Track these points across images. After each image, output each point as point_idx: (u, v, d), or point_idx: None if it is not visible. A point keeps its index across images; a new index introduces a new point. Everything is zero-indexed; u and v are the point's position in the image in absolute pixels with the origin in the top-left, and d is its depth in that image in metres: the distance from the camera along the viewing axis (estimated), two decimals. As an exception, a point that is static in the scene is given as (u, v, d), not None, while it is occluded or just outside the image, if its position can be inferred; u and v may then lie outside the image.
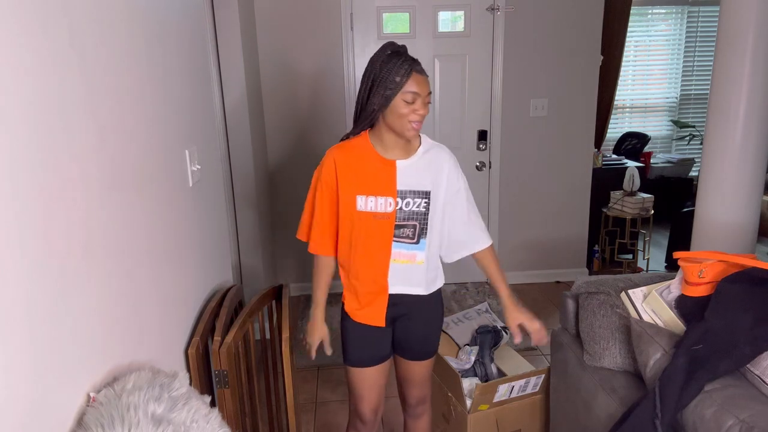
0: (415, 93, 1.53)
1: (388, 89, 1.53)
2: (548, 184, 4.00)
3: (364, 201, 1.62)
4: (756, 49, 2.16)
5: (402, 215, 1.63)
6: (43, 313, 0.88)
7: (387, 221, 1.63)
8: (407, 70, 1.53)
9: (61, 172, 0.94)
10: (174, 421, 0.99)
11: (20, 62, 0.84)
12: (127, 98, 1.24)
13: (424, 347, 1.80)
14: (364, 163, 1.64)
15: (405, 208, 1.63)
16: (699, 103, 5.85)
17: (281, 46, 3.62)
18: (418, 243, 1.66)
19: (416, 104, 1.54)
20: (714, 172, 2.35)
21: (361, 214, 1.63)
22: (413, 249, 1.66)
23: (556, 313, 3.58)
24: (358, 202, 1.63)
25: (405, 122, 1.55)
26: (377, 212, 1.62)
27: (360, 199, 1.63)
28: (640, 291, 1.76)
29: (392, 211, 1.62)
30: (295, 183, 3.86)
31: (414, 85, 1.52)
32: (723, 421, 1.31)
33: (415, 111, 1.54)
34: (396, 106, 1.54)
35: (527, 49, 3.75)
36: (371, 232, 1.64)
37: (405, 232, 1.64)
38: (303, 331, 1.79)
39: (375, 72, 1.55)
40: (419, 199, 1.63)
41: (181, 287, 1.55)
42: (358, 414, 1.83)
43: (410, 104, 1.53)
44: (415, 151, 1.66)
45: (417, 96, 1.53)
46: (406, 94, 1.52)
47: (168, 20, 1.56)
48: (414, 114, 1.54)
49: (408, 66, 1.53)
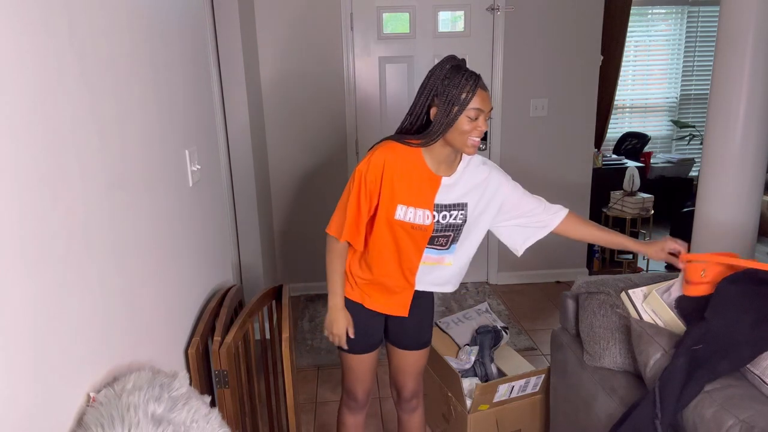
0: (479, 110, 1.51)
1: (453, 106, 1.50)
2: (548, 184, 4.00)
3: (403, 211, 1.63)
4: (756, 49, 2.16)
5: (439, 227, 1.65)
6: (43, 313, 0.88)
7: (423, 232, 1.65)
8: (473, 86, 1.51)
9: (61, 172, 0.94)
10: (174, 421, 1.00)
11: (20, 62, 0.84)
12: (127, 98, 1.24)
13: (419, 337, 1.85)
14: (412, 173, 1.62)
15: (442, 221, 1.65)
16: (699, 103, 5.85)
17: (281, 45, 3.62)
18: (448, 249, 1.71)
19: (479, 121, 1.52)
20: (714, 172, 2.35)
21: (398, 222, 1.64)
22: (443, 253, 1.71)
23: (556, 313, 3.58)
24: (398, 212, 1.63)
25: (466, 138, 1.53)
26: (415, 223, 1.63)
27: (400, 208, 1.62)
28: (640, 291, 1.76)
29: (430, 224, 1.64)
30: (295, 183, 3.86)
31: (478, 101, 1.51)
32: (723, 421, 1.31)
33: (477, 128, 1.52)
34: (460, 123, 1.51)
35: (527, 49, 3.75)
36: (406, 239, 1.66)
37: (439, 240, 1.68)
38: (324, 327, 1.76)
39: (437, 87, 1.54)
40: (456, 212, 1.65)
41: (181, 287, 1.55)
42: (353, 396, 1.89)
43: (474, 121, 1.51)
44: (457, 165, 1.66)
45: (480, 113, 1.51)
46: (471, 111, 1.50)
47: (168, 20, 1.56)
48: (476, 131, 1.52)
49: (473, 82, 1.51)
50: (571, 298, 2.02)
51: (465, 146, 1.55)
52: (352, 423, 1.95)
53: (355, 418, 1.95)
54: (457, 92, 1.50)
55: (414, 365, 1.88)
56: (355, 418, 1.95)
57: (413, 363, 1.87)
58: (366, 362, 1.82)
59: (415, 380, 1.91)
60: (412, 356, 1.86)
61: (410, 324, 1.82)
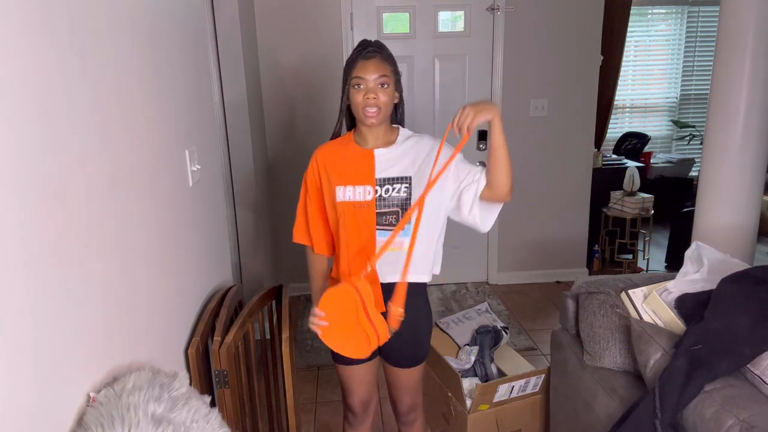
0: (359, 78, 1.54)
1: (345, 82, 1.58)
2: (548, 184, 4.00)
3: (342, 191, 1.62)
4: (756, 49, 2.16)
5: (383, 203, 1.60)
6: (44, 313, 0.88)
7: (368, 209, 1.61)
8: (354, 58, 1.56)
9: (61, 172, 0.94)
10: (174, 421, 0.99)
11: (20, 62, 0.84)
12: (127, 98, 1.24)
13: (412, 352, 1.72)
14: (344, 155, 1.65)
15: (385, 195, 1.61)
16: (699, 103, 5.85)
17: (281, 46, 3.62)
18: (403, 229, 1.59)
19: (364, 89, 1.54)
20: (714, 172, 2.35)
21: (341, 204, 1.62)
22: (400, 236, 1.58)
23: (556, 313, 3.58)
24: (338, 193, 1.63)
25: (359, 110, 1.56)
26: (356, 201, 1.61)
27: (339, 189, 1.63)
28: (640, 291, 1.76)
29: (371, 199, 1.60)
30: (295, 183, 3.84)
31: (360, 70, 1.54)
32: (723, 421, 1.31)
33: (365, 96, 1.54)
34: (352, 97, 1.57)
35: (527, 49, 3.75)
36: (355, 222, 1.62)
37: (388, 219, 1.61)
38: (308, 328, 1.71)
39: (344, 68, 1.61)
40: (399, 185, 1.61)
41: (181, 287, 1.55)
42: (349, 407, 1.84)
43: (360, 90, 1.54)
44: (394, 141, 1.65)
45: (361, 80, 1.54)
46: (353, 81, 1.55)
47: (168, 20, 1.56)
48: (365, 100, 1.54)
49: (356, 54, 1.56)
50: (571, 298, 2.02)
51: (362, 118, 1.57)
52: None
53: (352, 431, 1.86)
54: (346, 69, 1.58)
55: (408, 381, 1.76)
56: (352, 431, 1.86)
57: (407, 379, 1.75)
58: (356, 374, 1.75)
59: (411, 395, 1.79)
60: (404, 373, 1.74)
61: (404, 338, 1.64)
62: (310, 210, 1.71)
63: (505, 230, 4.06)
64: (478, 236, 4.10)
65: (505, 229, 4.06)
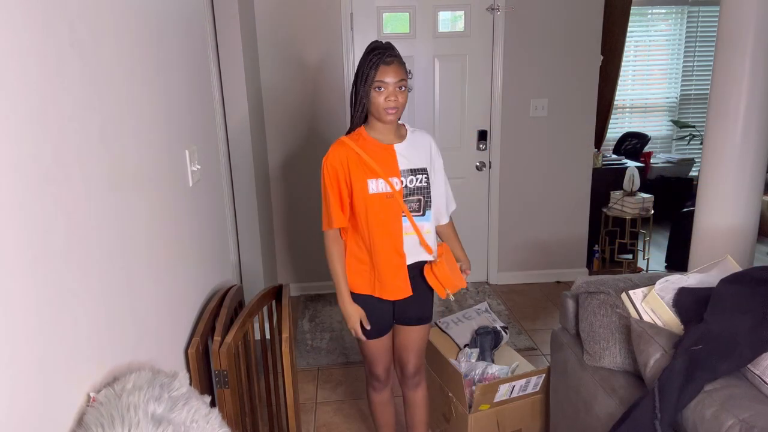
0: (381, 82, 1.70)
1: (365, 84, 1.73)
2: (548, 184, 4.00)
3: (375, 184, 1.79)
4: (756, 49, 2.16)
5: (407, 191, 1.81)
6: (44, 313, 0.88)
7: (396, 200, 1.80)
8: (375, 63, 1.71)
9: (61, 172, 0.94)
10: (174, 421, 1.00)
11: (20, 62, 0.84)
12: (127, 98, 1.24)
13: (421, 313, 1.97)
14: (367, 151, 1.80)
15: (410, 185, 1.81)
16: (699, 103, 5.85)
17: (281, 46, 3.62)
18: (424, 215, 1.86)
19: (386, 91, 1.71)
20: (714, 173, 2.35)
21: (373, 196, 1.79)
22: (421, 221, 1.85)
23: (556, 313, 3.58)
24: (370, 186, 1.78)
25: (381, 110, 1.74)
26: (387, 192, 1.79)
27: (371, 182, 1.78)
28: (640, 291, 1.76)
29: (399, 189, 1.80)
30: (295, 183, 3.86)
31: (382, 75, 1.70)
32: (723, 421, 1.31)
33: (387, 98, 1.72)
34: (373, 98, 1.73)
35: (527, 49, 3.75)
36: (385, 210, 1.80)
37: (412, 206, 1.83)
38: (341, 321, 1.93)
39: (357, 72, 1.76)
40: (420, 176, 1.83)
41: (181, 287, 1.55)
42: (375, 375, 2.04)
43: (381, 92, 1.71)
44: (405, 136, 1.86)
45: (384, 84, 1.71)
46: (375, 84, 1.71)
47: (168, 20, 1.56)
48: (386, 101, 1.72)
49: (377, 59, 1.71)
50: (571, 298, 2.02)
51: (382, 116, 1.75)
52: (379, 400, 2.11)
53: (380, 396, 2.10)
54: (364, 72, 1.72)
55: (417, 341, 1.99)
56: (380, 396, 2.10)
57: (416, 339, 1.98)
58: (381, 345, 1.96)
59: (418, 356, 2.02)
60: (414, 332, 1.97)
61: (412, 301, 1.92)
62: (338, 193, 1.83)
63: (505, 230, 4.06)
64: (478, 236, 4.12)
65: (505, 229, 4.06)
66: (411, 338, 1.98)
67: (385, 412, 2.13)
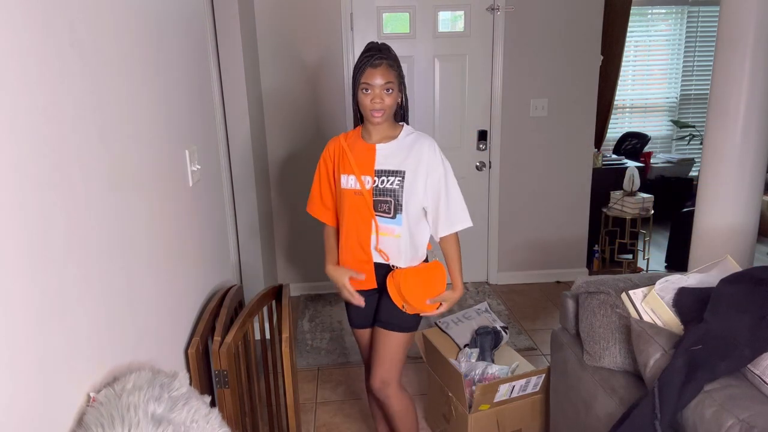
0: (366, 84, 1.73)
1: (353, 85, 1.78)
2: (548, 184, 4.00)
3: (346, 179, 1.84)
4: (756, 49, 2.16)
5: (378, 192, 1.81)
6: (43, 313, 0.88)
7: (365, 198, 1.82)
8: (362, 65, 1.74)
9: (61, 172, 0.94)
10: (174, 421, 1.00)
11: (21, 62, 0.84)
12: (127, 98, 1.24)
13: (389, 317, 1.87)
14: (353, 147, 1.86)
15: (380, 186, 1.81)
16: (699, 103, 5.85)
17: (281, 46, 3.62)
18: (395, 218, 1.82)
19: (372, 93, 1.73)
20: (714, 173, 2.35)
21: (344, 191, 1.84)
22: (392, 224, 1.83)
23: (556, 313, 3.58)
24: (342, 180, 1.85)
25: (367, 111, 1.77)
26: (356, 189, 1.82)
27: (343, 177, 1.85)
28: (640, 291, 1.76)
29: (369, 189, 1.81)
30: (295, 183, 3.86)
31: (368, 77, 1.73)
32: (723, 421, 1.31)
33: (372, 100, 1.74)
34: (360, 99, 1.77)
35: (527, 49, 3.75)
36: (354, 206, 1.83)
37: (382, 207, 1.82)
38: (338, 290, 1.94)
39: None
40: (393, 177, 1.80)
41: (181, 287, 1.55)
42: (365, 363, 2.09)
43: (367, 93, 1.74)
44: (395, 137, 1.85)
45: (370, 87, 1.73)
46: (362, 86, 1.74)
47: (168, 20, 1.56)
48: (372, 103, 1.74)
49: (365, 61, 1.74)
50: (571, 298, 2.02)
51: (369, 117, 1.78)
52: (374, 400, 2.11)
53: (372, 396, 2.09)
54: (355, 74, 1.77)
55: (383, 346, 1.88)
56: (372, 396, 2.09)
57: (382, 343, 1.88)
58: (363, 338, 2.03)
59: (383, 365, 1.88)
60: (381, 335, 1.88)
61: (383, 302, 1.89)
62: (323, 188, 1.95)
63: (505, 230, 4.06)
64: (478, 236, 4.12)
65: (505, 229, 4.06)
66: (378, 341, 1.90)
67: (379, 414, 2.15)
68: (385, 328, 1.88)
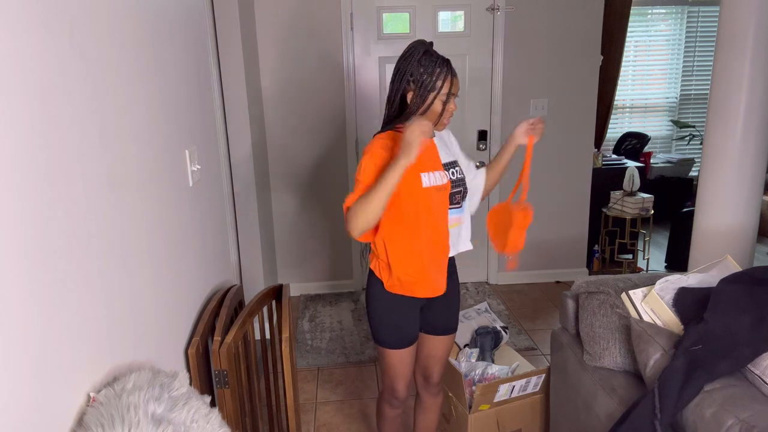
0: (451, 95, 1.68)
1: (428, 91, 1.66)
2: (548, 184, 4.00)
3: (428, 177, 1.71)
4: (756, 49, 2.16)
5: (453, 183, 1.79)
6: (44, 313, 0.88)
7: (445, 192, 1.76)
8: (446, 73, 1.66)
9: (61, 172, 0.94)
10: (174, 421, 1.00)
11: (21, 62, 0.84)
12: (127, 98, 1.24)
13: (452, 321, 1.92)
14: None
15: (452, 177, 1.79)
16: (699, 103, 5.85)
17: (281, 46, 3.62)
18: (461, 207, 1.84)
19: (450, 103, 1.70)
20: (714, 173, 2.35)
21: (427, 190, 1.70)
22: (459, 213, 1.83)
23: (556, 313, 3.58)
24: (423, 180, 1.70)
25: (439, 117, 1.71)
26: (438, 185, 1.73)
27: (424, 176, 1.70)
28: (640, 291, 1.76)
29: (448, 182, 1.76)
30: (295, 182, 3.86)
31: (454, 87, 1.68)
32: (723, 421, 1.31)
33: (449, 109, 1.70)
34: (434, 107, 1.68)
35: (527, 49, 3.75)
36: (434, 204, 1.73)
37: (456, 198, 1.81)
38: (412, 130, 1.59)
39: (412, 73, 1.66)
40: (456, 168, 1.82)
41: (181, 287, 1.55)
42: (396, 393, 1.91)
43: (446, 103, 1.69)
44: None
45: (453, 97, 1.69)
46: (444, 96, 1.67)
47: (168, 20, 1.56)
48: (447, 112, 1.71)
49: (447, 69, 1.66)
50: (571, 298, 2.02)
51: (440, 123, 1.73)
52: (393, 416, 2.02)
53: (395, 412, 2.01)
54: (432, 79, 1.65)
55: (445, 351, 1.95)
56: (395, 412, 2.01)
57: (444, 348, 1.94)
58: (407, 356, 1.85)
59: (444, 365, 2.00)
60: (443, 341, 1.92)
61: (442, 306, 1.86)
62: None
63: (505, 230, 4.05)
64: (478, 236, 4.10)
65: (505, 229, 4.05)
66: (439, 348, 1.93)
67: (394, 425, 2.05)
68: (446, 333, 1.91)
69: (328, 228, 3.95)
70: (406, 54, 1.68)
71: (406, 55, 1.68)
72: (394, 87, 1.70)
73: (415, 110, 1.68)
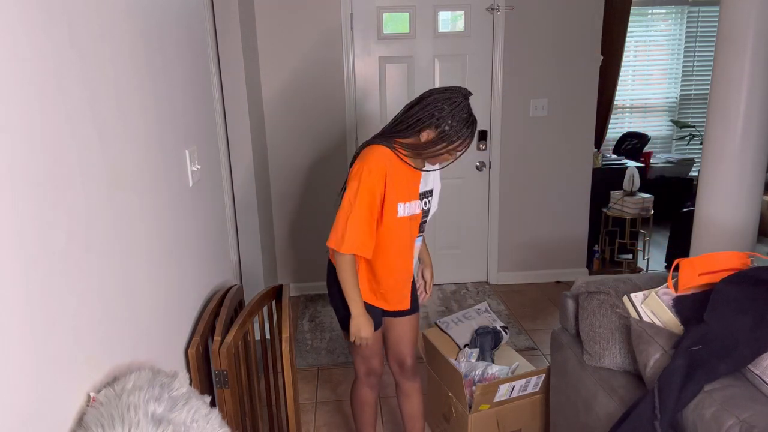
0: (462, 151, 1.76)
1: (447, 144, 1.71)
2: (548, 184, 4.00)
3: (403, 207, 1.80)
4: (756, 49, 2.16)
5: (424, 213, 1.91)
6: (43, 313, 0.88)
7: (416, 222, 1.87)
8: (468, 137, 1.72)
9: (61, 172, 0.94)
10: (174, 421, 1.00)
11: (20, 62, 0.84)
12: (127, 98, 1.24)
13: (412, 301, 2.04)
14: (404, 174, 1.80)
15: (424, 207, 1.90)
16: (699, 103, 5.85)
17: (281, 45, 3.62)
18: (421, 235, 1.98)
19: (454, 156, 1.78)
20: (714, 172, 2.35)
21: (401, 219, 1.81)
22: (419, 240, 1.97)
23: (556, 313, 3.58)
24: (399, 209, 1.79)
25: (434, 160, 1.78)
26: (412, 215, 1.83)
27: (401, 206, 1.79)
28: (641, 294, 1.76)
29: (420, 211, 1.87)
30: (295, 182, 3.86)
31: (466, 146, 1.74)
32: (723, 421, 1.31)
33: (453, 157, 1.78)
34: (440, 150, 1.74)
35: (527, 49, 3.75)
36: (405, 232, 1.84)
37: (423, 226, 1.94)
38: (351, 333, 1.89)
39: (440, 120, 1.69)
40: (429, 198, 1.92)
41: (181, 287, 1.55)
42: (373, 370, 2.05)
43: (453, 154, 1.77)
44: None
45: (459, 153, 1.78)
46: (454, 150, 1.74)
47: (168, 20, 1.56)
48: (447, 160, 1.78)
49: (470, 133, 1.72)
50: (571, 298, 2.02)
51: (432, 163, 1.81)
52: (372, 400, 2.12)
53: (374, 394, 2.12)
54: (455, 138, 1.70)
55: (413, 331, 2.06)
56: (374, 394, 2.12)
57: (411, 329, 2.04)
58: (378, 337, 1.99)
59: (413, 346, 2.09)
60: (409, 321, 2.02)
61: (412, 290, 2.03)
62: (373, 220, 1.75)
63: (505, 230, 4.06)
64: (478, 237, 4.12)
65: (505, 229, 4.06)
66: (405, 329, 2.03)
67: (372, 411, 2.17)
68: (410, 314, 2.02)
69: (328, 228, 3.95)
70: (445, 97, 1.69)
71: (445, 98, 1.69)
72: (417, 116, 1.72)
73: (422, 149, 1.74)
